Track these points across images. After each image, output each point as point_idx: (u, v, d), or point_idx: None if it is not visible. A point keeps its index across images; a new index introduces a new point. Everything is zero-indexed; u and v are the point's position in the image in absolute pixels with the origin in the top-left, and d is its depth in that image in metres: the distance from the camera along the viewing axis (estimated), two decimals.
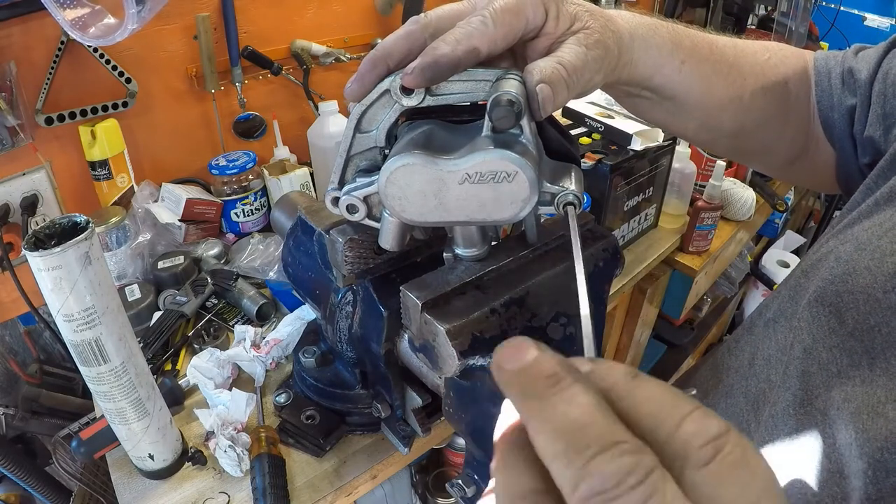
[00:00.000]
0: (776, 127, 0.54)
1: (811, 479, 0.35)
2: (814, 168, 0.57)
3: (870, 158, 0.48)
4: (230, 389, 0.73)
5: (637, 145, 0.99)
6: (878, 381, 0.34)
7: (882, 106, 0.47)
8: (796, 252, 1.87)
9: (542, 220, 0.46)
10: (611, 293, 0.94)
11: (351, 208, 0.42)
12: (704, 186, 1.16)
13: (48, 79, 0.90)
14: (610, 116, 1.03)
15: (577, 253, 0.29)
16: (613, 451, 0.15)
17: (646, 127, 1.00)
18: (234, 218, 1.08)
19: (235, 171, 1.06)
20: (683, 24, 0.50)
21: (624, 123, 1.00)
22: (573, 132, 1.06)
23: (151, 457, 0.63)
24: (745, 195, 1.28)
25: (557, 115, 0.48)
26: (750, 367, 0.46)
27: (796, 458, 0.37)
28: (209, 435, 0.68)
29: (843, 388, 0.35)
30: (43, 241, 0.48)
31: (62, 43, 0.90)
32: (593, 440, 0.16)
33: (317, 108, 1.14)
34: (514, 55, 0.42)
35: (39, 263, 0.47)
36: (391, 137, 0.41)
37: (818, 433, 0.36)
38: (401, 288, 0.41)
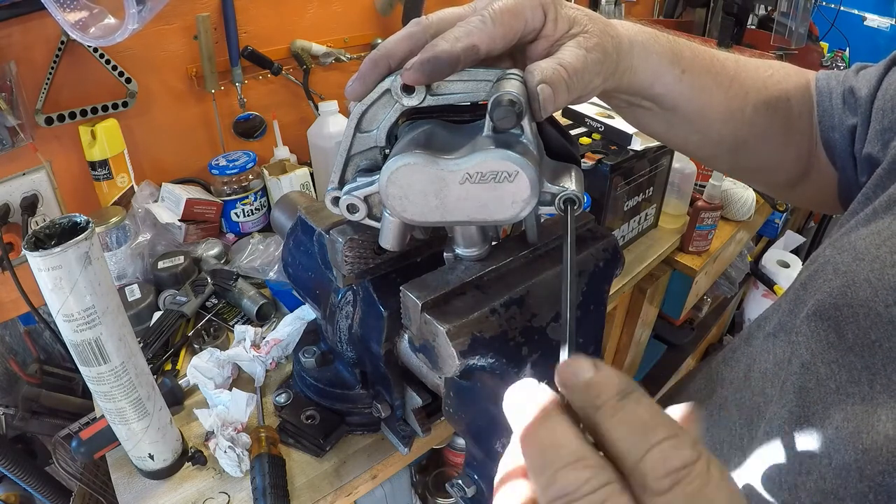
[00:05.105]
0: (778, 144, 0.54)
1: (805, 499, 0.35)
2: (816, 189, 0.57)
3: (868, 177, 0.47)
4: (230, 389, 0.73)
5: (637, 145, 0.99)
6: (878, 399, 0.33)
7: (881, 121, 0.46)
8: (796, 252, 1.86)
9: (543, 221, 0.46)
10: (611, 293, 0.94)
11: (351, 208, 0.42)
12: (704, 186, 1.16)
13: (48, 79, 0.90)
14: (610, 116, 1.03)
15: (570, 251, 0.29)
16: (576, 465, 0.18)
17: None
18: (234, 218, 1.08)
19: (235, 171, 1.06)
20: (685, 36, 0.50)
21: (624, 123, 1.00)
22: (573, 132, 1.06)
23: (151, 457, 0.63)
24: (745, 195, 1.28)
25: (558, 115, 0.48)
26: (745, 380, 0.46)
27: (790, 476, 0.36)
28: (209, 435, 0.68)
29: (843, 406, 0.35)
30: (43, 241, 0.48)
31: (62, 43, 0.90)
32: (563, 457, 0.19)
33: (317, 108, 1.14)
34: (514, 59, 0.42)
35: (39, 263, 0.47)
36: (392, 137, 0.41)
37: (814, 452, 0.35)
38: (401, 288, 0.41)
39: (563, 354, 0.25)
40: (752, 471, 0.39)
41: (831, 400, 0.35)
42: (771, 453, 0.38)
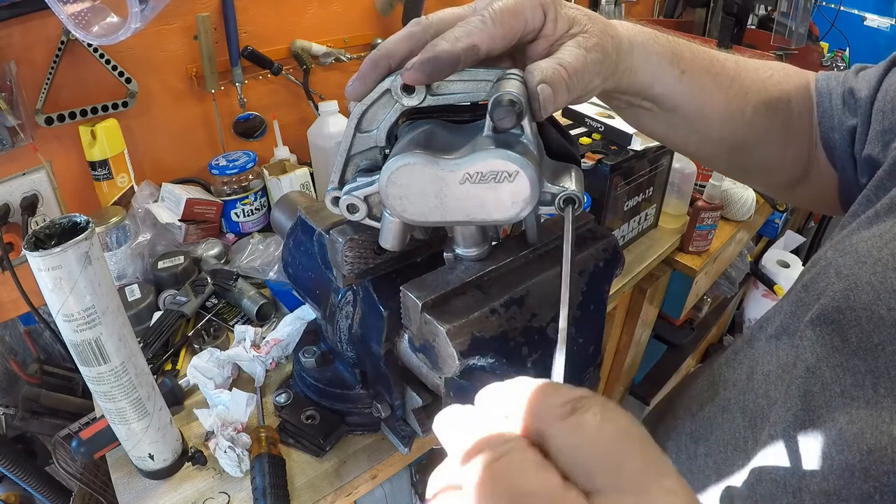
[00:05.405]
0: (778, 144, 0.54)
1: (809, 501, 0.35)
2: (817, 190, 0.57)
3: (868, 178, 0.47)
4: (230, 389, 0.73)
5: (637, 145, 0.99)
6: (882, 403, 0.33)
7: (881, 122, 0.46)
8: (796, 252, 1.86)
9: (543, 220, 0.46)
10: (611, 293, 0.94)
11: (351, 208, 0.42)
12: (704, 186, 1.16)
13: (48, 79, 0.90)
14: (610, 116, 1.03)
15: (567, 251, 0.30)
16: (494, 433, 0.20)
17: None
18: (234, 218, 1.08)
19: (235, 171, 1.06)
20: (685, 36, 0.50)
21: (624, 123, 1.00)
22: (573, 132, 1.06)
23: (151, 457, 0.63)
24: (745, 195, 1.28)
25: (558, 115, 0.48)
26: (748, 382, 0.46)
27: (794, 479, 0.36)
28: (209, 435, 0.68)
29: (847, 409, 0.35)
30: (43, 241, 0.48)
31: (62, 43, 0.90)
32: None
33: (317, 108, 1.14)
34: (514, 59, 0.42)
35: (39, 263, 0.47)
36: (392, 137, 0.41)
37: (818, 454, 0.35)
38: (401, 288, 0.41)
39: (559, 357, 0.25)
40: (755, 474, 0.39)
41: (836, 403, 0.35)
42: (775, 456, 0.38)
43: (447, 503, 0.20)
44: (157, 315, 0.86)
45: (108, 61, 0.95)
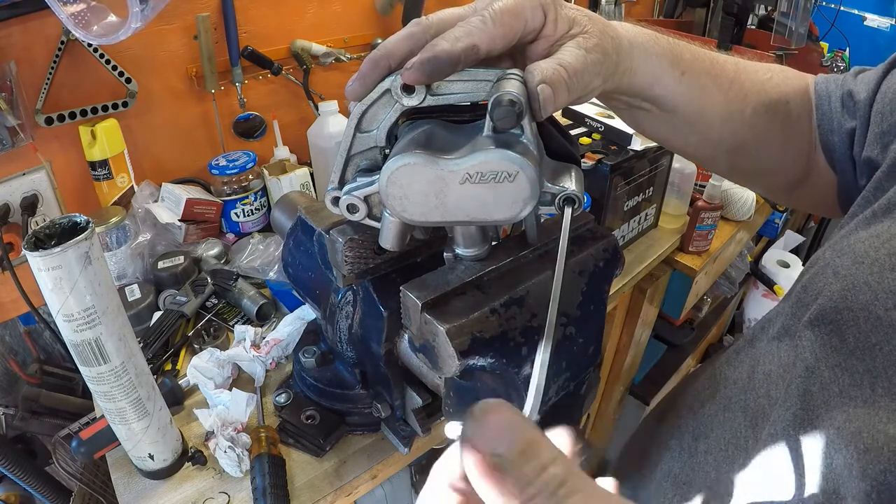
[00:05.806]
0: (777, 146, 0.54)
1: (808, 500, 0.35)
2: (816, 193, 0.57)
3: (867, 180, 0.47)
4: (230, 389, 0.73)
5: (637, 145, 0.99)
6: (879, 402, 0.33)
7: (880, 125, 0.46)
8: (796, 252, 1.87)
9: (543, 220, 0.46)
10: (611, 293, 0.94)
11: (351, 208, 0.42)
12: (704, 186, 1.16)
13: (48, 79, 0.90)
14: (610, 116, 1.03)
15: (562, 251, 0.30)
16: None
17: None
18: (234, 218, 1.08)
19: (235, 171, 1.06)
20: (686, 37, 0.50)
21: (624, 123, 1.00)
22: (573, 132, 1.06)
23: (151, 457, 0.63)
24: (745, 195, 1.28)
25: (558, 115, 0.48)
26: (749, 381, 0.46)
27: (793, 478, 0.36)
28: (209, 435, 0.68)
29: (845, 409, 0.35)
30: (43, 241, 0.48)
31: (62, 43, 0.90)
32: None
33: (317, 108, 1.14)
34: (514, 59, 0.42)
35: (39, 263, 0.47)
36: (392, 137, 0.41)
37: (816, 453, 0.35)
38: (401, 288, 0.41)
39: (539, 354, 0.25)
40: (755, 472, 0.39)
41: (834, 403, 0.36)
42: (774, 455, 0.38)
43: None
44: (157, 315, 0.86)
45: (108, 61, 0.95)
